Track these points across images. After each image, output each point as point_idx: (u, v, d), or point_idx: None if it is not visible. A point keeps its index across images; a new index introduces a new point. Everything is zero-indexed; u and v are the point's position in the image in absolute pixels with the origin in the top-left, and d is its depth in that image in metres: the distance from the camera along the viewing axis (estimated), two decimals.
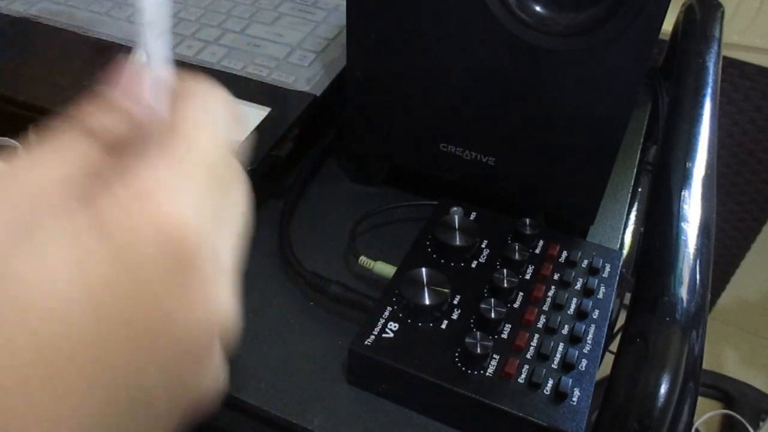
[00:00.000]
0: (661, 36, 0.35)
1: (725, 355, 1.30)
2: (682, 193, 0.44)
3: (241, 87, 0.48)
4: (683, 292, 0.37)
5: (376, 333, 0.35)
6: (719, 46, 0.58)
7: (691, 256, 0.39)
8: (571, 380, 0.33)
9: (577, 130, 0.39)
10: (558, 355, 0.35)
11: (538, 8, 0.35)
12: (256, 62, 0.50)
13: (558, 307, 0.37)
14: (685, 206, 0.42)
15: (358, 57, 0.42)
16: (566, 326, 0.36)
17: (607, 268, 0.40)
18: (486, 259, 0.40)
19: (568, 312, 0.37)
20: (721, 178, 1.06)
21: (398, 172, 0.48)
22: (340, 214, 0.46)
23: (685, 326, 0.35)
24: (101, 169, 0.19)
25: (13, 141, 0.48)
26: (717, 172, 0.47)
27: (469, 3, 0.36)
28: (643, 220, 0.47)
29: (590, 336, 0.36)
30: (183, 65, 0.50)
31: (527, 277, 0.39)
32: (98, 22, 0.54)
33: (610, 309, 0.38)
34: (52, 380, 0.15)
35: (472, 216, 0.43)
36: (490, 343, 0.34)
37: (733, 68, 0.93)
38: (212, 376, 0.21)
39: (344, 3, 0.40)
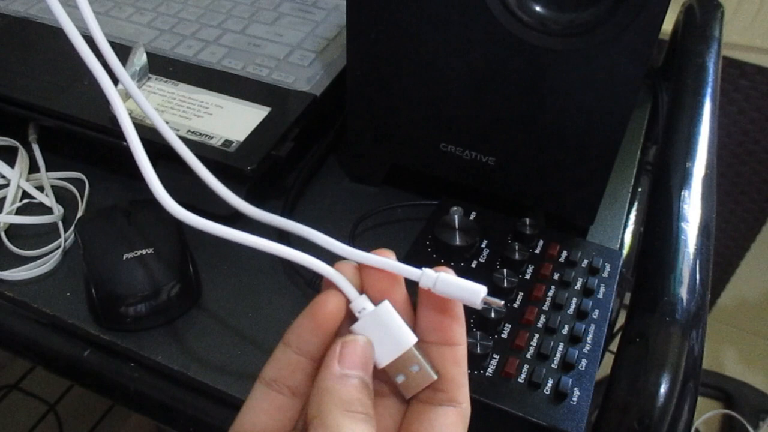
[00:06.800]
0: (661, 36, 0.35)
1: (725, 355, 1.30)
2: (682, 193, 0.44)
3: (241, 87, 0.48)
4: (683, 292, 0.37)
5: None
6: (719, 46, 0.58)
7: (691, 256, 0.39)
8: (571, 380, 0.33)
9: (577, 130, 0.39)
10: (558, 355, 0.35)
11: (538, 8, 0.35)
12: (256, 62, 0.50)
13: (558, 306, 0.37)
14: (685, 206, 0.42)
15: (358, 57, 0.42)
16: (566, 326, 0.36)
17: (607, 268, 0.40)
18: (486, 259, 0.40)
19: (568, 312, 0.37)
20: (721, 178, 1.06)
21: (398, 172, 0.48)
22: (340, 214, 0.46)
23: (685, 326, 0.35)
24: None
25: (13, 141, 0.48)
26: (717, 172, 0.47)
27: (469, 3, 0.36)
28: (643, 220, 0.47)
29: (590, 336, 0.36)
30: (183, 65, 0.50)
31: (527, 277, 0.39)
32: (98, 22, 0.54)
33: (610, 309, 0.38)
34: None
35: (472, 216, 0.43)
36: (490, 343, 0.34)
37: (733, 68, 0.93)
38: None
39: (344, 3, 0.40)
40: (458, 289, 0.24)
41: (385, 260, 0.25)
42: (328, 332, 0.24)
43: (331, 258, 0.26)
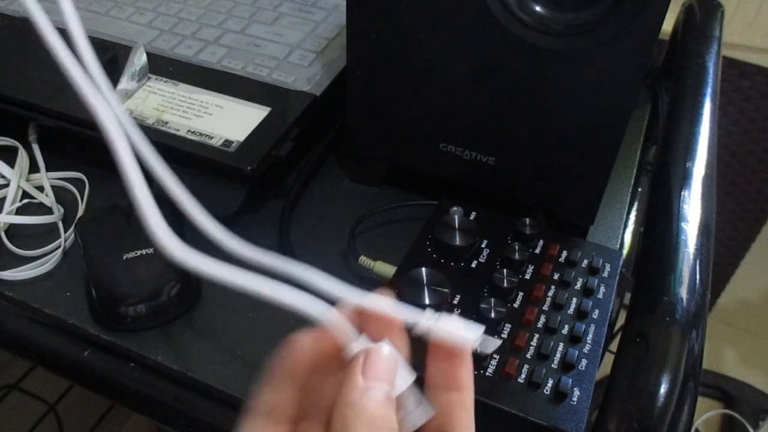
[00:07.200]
0: (661, 36, 0.35)
1: (725, 355, 1.30)
2: (682, 193, 0.44)
3: (241, 87, 0.48)
4: (683, 292, 0.37)
5: None
6: (719, 46, 0.58)
7: (691, 256, 0.39)
8: (571, 380, 0.33)
9: (577, 130, 0.39)
10: (558, 355, 0.35)
11: (538, 8, 0.35)
12: (256, 62, 0.50)
13: (558, 306, 0.37)
14: (685, 206, 0.42)
15: (358, 57, 0.42)
16: (566, 326, 0.36)
17: (607, 268, 0.40)
18: (486, 259, 0.40)
19: (568, 312, 0.37)
20: (721, 178, 1.06)
21: (398, 172, 0.48)
22: (340, 214, 0.46)
23: (685, 326, 0.35)
24: None
25: (13, 141, 0.48)
26: (717, 172, 0.47)
27: (468, 3, 0.36)
28: (643, 220, 0.47)
29: (590, 336, 0.36)
30: (183, 65, 0.50)
31: (527, 277, 0.39)
32: (98, 22, 0.54)
33: (610, 309, 0.38)
34: None
35: (472, 216, 0.43)
36: None
37: (733, 68, 0.93)
38: None
39: (344, 3, 0.40)
40: (450, 337, 0.24)
41: (383, 305, 0.24)
42: (302, 372, 0.25)
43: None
